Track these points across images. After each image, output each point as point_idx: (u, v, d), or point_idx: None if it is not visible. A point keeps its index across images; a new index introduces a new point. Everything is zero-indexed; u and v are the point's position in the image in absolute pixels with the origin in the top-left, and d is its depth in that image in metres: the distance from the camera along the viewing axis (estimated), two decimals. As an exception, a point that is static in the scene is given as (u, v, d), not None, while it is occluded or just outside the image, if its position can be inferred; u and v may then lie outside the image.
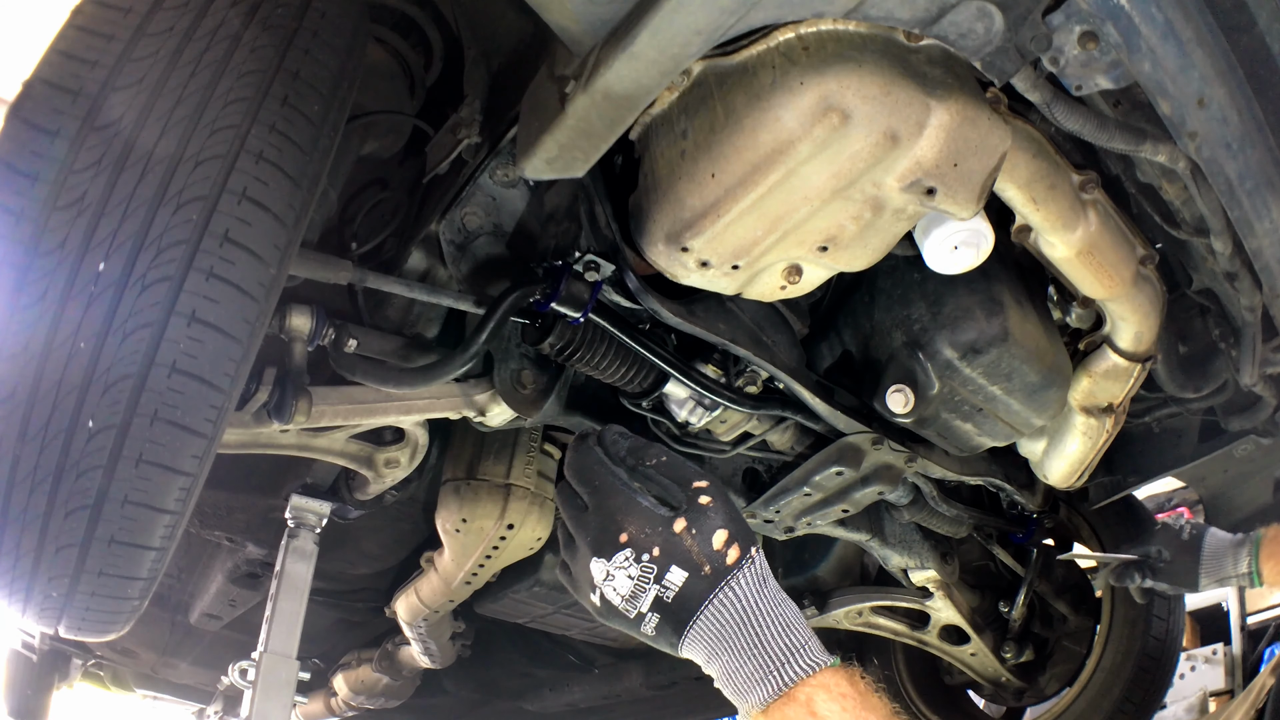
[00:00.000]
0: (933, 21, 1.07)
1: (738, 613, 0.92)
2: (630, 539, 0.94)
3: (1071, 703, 2.54)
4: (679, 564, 0.92)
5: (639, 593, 0.93)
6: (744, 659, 0.91)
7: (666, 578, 0.92)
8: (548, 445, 2.12)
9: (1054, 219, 1.40)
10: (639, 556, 0.93)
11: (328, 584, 2.59)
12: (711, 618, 0.92)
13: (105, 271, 1.03)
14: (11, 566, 1.13)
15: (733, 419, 1.72)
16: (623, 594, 0.94)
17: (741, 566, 0.93)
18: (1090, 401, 1.76)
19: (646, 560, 0.93)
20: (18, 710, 3.07)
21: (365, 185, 1.76)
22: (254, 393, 1.47)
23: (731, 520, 0.96)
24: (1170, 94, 1.14)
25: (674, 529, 0.94)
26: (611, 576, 0.94)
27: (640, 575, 0.93)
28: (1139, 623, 2.49)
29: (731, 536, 0.94)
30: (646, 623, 0.94)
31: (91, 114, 1.06)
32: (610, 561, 0.94)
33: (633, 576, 0.93)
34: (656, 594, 0.92)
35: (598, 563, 0.95)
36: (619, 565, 0.94)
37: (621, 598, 0.94)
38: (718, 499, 0.97)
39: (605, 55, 1.06)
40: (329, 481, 2.08)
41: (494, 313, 1.45)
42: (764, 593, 0.94)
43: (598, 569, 0.95)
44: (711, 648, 0.92)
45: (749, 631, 0.91)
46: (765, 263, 1.25)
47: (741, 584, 0.93)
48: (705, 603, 0.92)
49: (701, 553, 0.93)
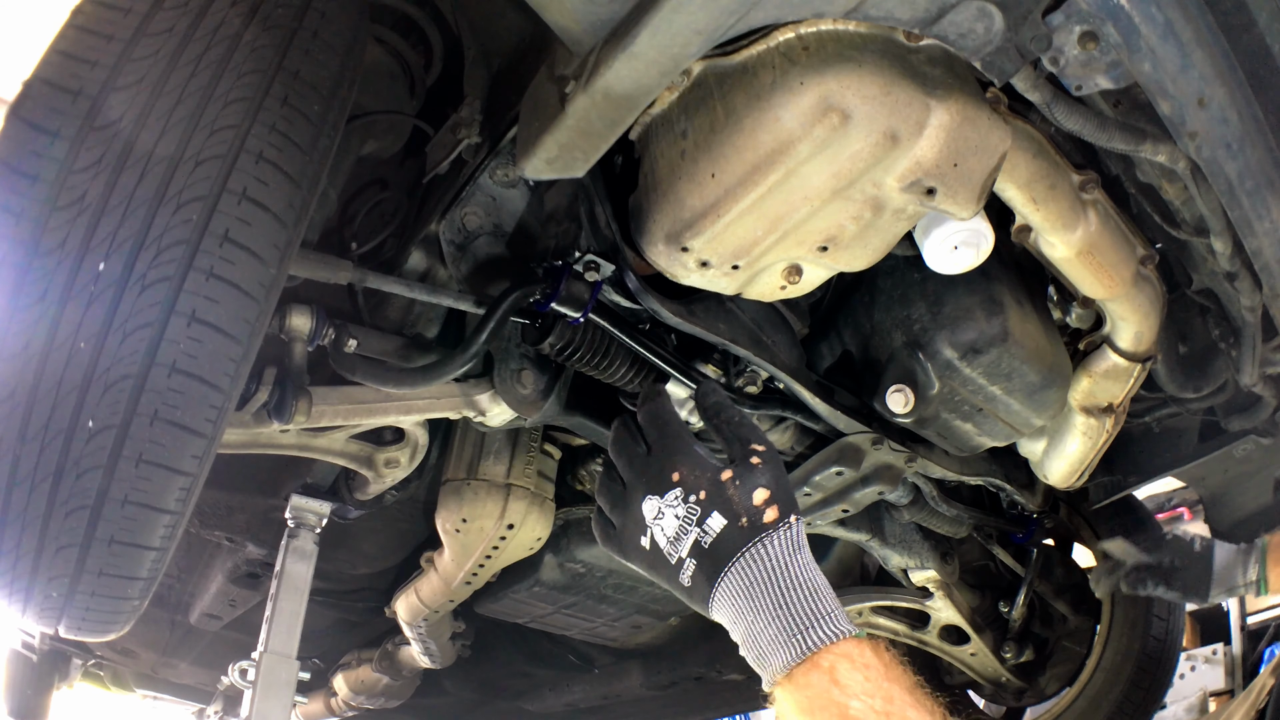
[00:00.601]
0: (933, 21, 1.07)
1: (767, 570, 0.93)
2: (681, 479, 0.98)
3: (1071, 703, 2.54)
4: (720, 510, 0.96)
5: (682, 534, 0.96)
6: (769, 619, 0.92)
7: (707, 522, 0.95)
8: (548, 445, 2.12)
9: (1054, 219, 1.40)
10: (687, 496, 0.97)
11: (328, 584, 2.58)
12: (742, 571, 0.94)
13: (105, 271, 1.03)
14: (11, 566, 1.13)
15: (733, 419, 1.72)
16: (669, 535, 0.97)
17: (778, 528, 0.96)
18: (1090, 401, 1.76)
19: (693, 501, 0.97)
20: (18, 710, 3.07)
21: (365, 185, 1.76)
22: (254, 393, 1.47)
23: (776, 483, 0.98)
24: (1170, 94, 1.14)
25: (721, 477, 0.98)
26: (661, 514, 0.98)
27: (685, 515, 0.96)
28: (1139, 623, 2.50)
29: (772, 498, 0.97)
30: (685, 570, 0.97)
31: (91, 114, 1.06)
32: (663, 499, 0.98)
33: (679, 516, 0.97)
34: (696, 538, 0.95)
35: (651, 500, 0.99)
36: (669, 503, 0.97)
37: (667, 539, 0.97)
38: (768, 463, 1.00)
39: (605, 55, 1.06)
40: (329, 481, 2.08)
41: (494, 313, 1.45)
42: (796, 558, 0.95)
43: (650, 506, 0.99)
44: (738, 605, 0.94)
45: (776, 592, 0.92)
46: (765, 263, 1.26)
47: (775, 544, 0.95)
48: (738, 554, 0.94)
49: (741, 505, 0.96)
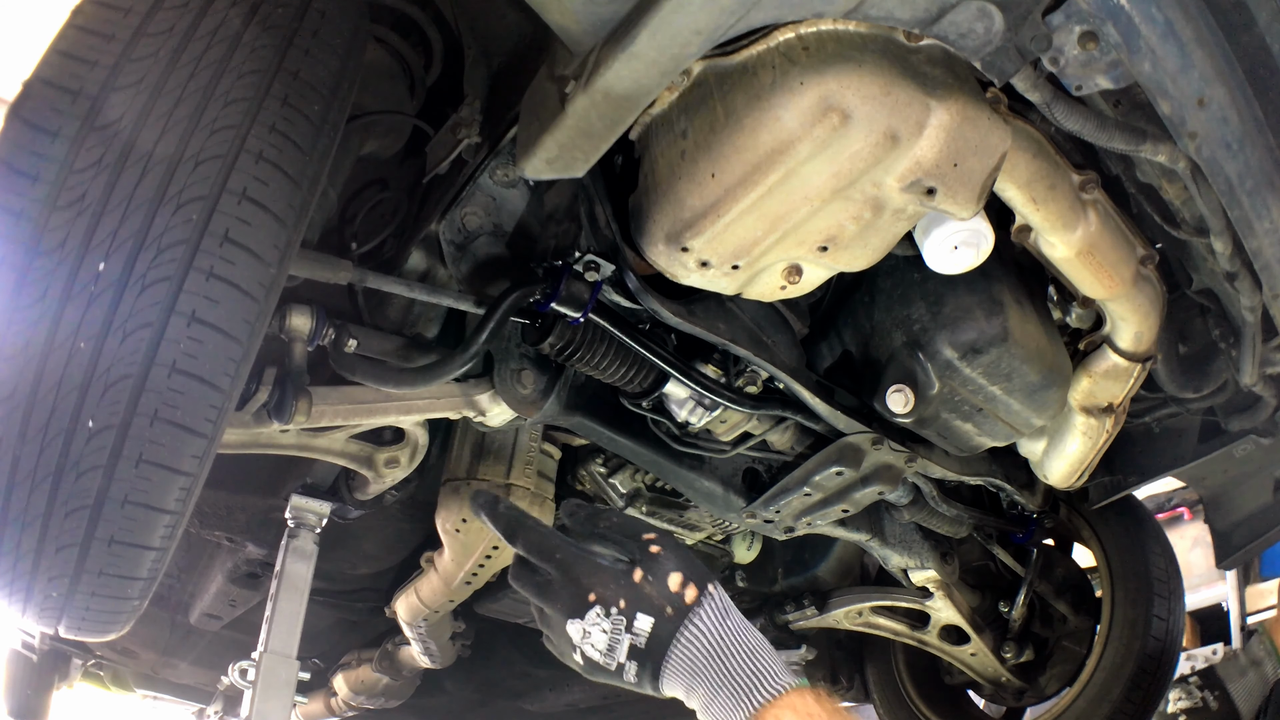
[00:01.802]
0: (933, 21, 1.07)
1: (705, 646, 0.97)
2: (598, 597, 1.00)
3: (1071, 703, 2.54)
4: (644, 611, 0.99)
5: (615, 644, 0.99)
6: (716, 689, 0.96)
7: (635, 625, 0.99)
8: (548, 445, 2.12)
9: (1054, 219, 1.40)
10: (608, 611, 1.00)
11: (328, 584, 2.58)
12: (681, 654, 0.98)
13: (105, 271, 1.03)
14: (11, 566, 1.13)
15: (733, 419, 1.72)
16: (600, 649, 1.00)
17: (701, 603, 0.99)
18: (1090, 401, 1.76)
19: (615, 613, 0.99)
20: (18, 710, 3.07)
21: (365, 185, 1.76)
22: (254, 393, 1.46)
23: (684, 563, 1.02)
24: (1170, 94, 1.14)
25: (633, 579, 1.01)
26: (588, 634, 1.00)
27: (613, 628, 0.99)
28: (1139, 623, 2.49)
29: (686, 578, 1.00)
30: (627, 671, 1.00)
31: (91, 114, 1.06)
32: (584, 620, 1.00)
33: (606, 630, 1.00)
34: (630, 642, 0.99)
35: (574, 624, 1.01)
36: (592, 623, 1.00)
37: (600, 653, 1.00)
38: (668, 547, 1.03)
39: (605, 55, 1.06)
40: (329, 481, 2.07)
41: (494, 313, 1.45)
42: (726, 625, 0.99)
43: (574, 630, 1.01)
44: (687, 683, 0.98)
45: (717, 663, 0.97)
46: (765, 263, 1.26)
47: (704, 619, 0.98)
48: (673, 641, 0.98)
49: (661, 596, 0.99)
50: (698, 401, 1.66)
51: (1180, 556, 2.68)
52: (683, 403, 1.67)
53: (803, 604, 2.56)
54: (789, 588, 2.61)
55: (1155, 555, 2.56)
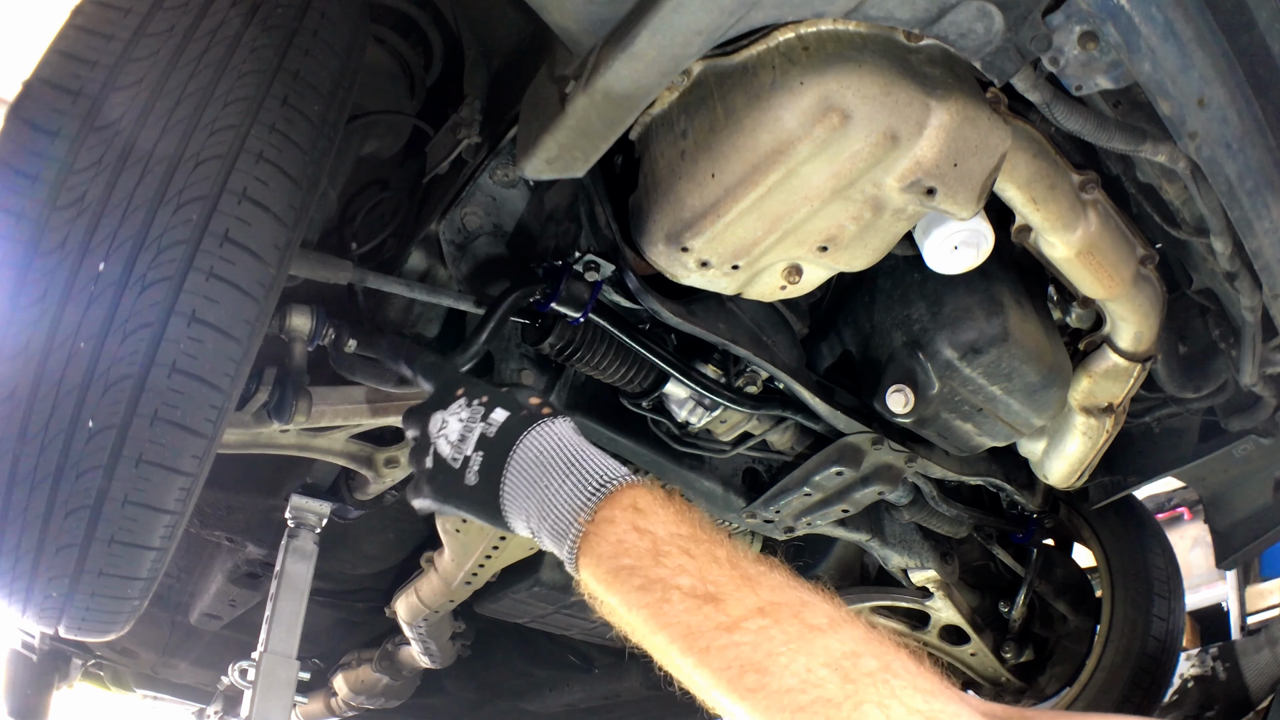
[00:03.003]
0: (933, 21, 1.07)
1: (553, 443, 0.98)
2: (465, 392, 1.07)
3: (1071, 703, 2.54)
4: (502, 406, 1.03)
5: (467, 433, 1.03)
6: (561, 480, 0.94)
7: (490, 416, 1.02)
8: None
9: (1054, 219, 1.40)
10: (470, 402, 1.05)
11: (328, 584, 2.59)
12: (530, 446, 0.98)
13: (105, 271, 1.03)
14: (11, 566, 1.13)
15: (733, 419, 1.72)
16: (452, 440, 1.03)
17: (556, 417, 1.02)
18: (1090, 401, 1.76)
19: (476, 404, 1.04)
20: (18, 710, 3.07)
21: (365, 185, 1.76)
22: (254, 393, 1.47)
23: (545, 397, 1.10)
24: (1170, 94, 1.14)
25: (499, 390, 1.07)
26: (445, 424, 1.05)
27: (469, 416, 1.03)
28: (1139, 623, 2.50)
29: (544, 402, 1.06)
30: (471, 467, 1.01)
31: (91, 114, 1.06)
32: (446, 410, 1.06)
33: (463, 419, 1.04)
34: (481, 430, 1.02)
35: (436, 415, 1.07)
36: (452, 411, 1.05)
37: (450, 444, 1.03)
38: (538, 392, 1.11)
39: (605, 55, 1.06)
40: (329, 481, 2.08)
41: (494, 313, 1.45)
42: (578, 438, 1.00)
43: (435, 420, 1.06)
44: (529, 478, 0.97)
45: (564, 457, 0.96)
46: (765, 263, 1.25)
47: (556, 424, 1.01)
48: (524, 433, 0.99)
49: (520, 403, 1.04)
50: (698, 401, 1.66)
51: (1180, 556, 2.68)
52: (683, 403, 1.67)
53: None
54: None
55: (1155, 555, 2.56)
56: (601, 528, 0.90)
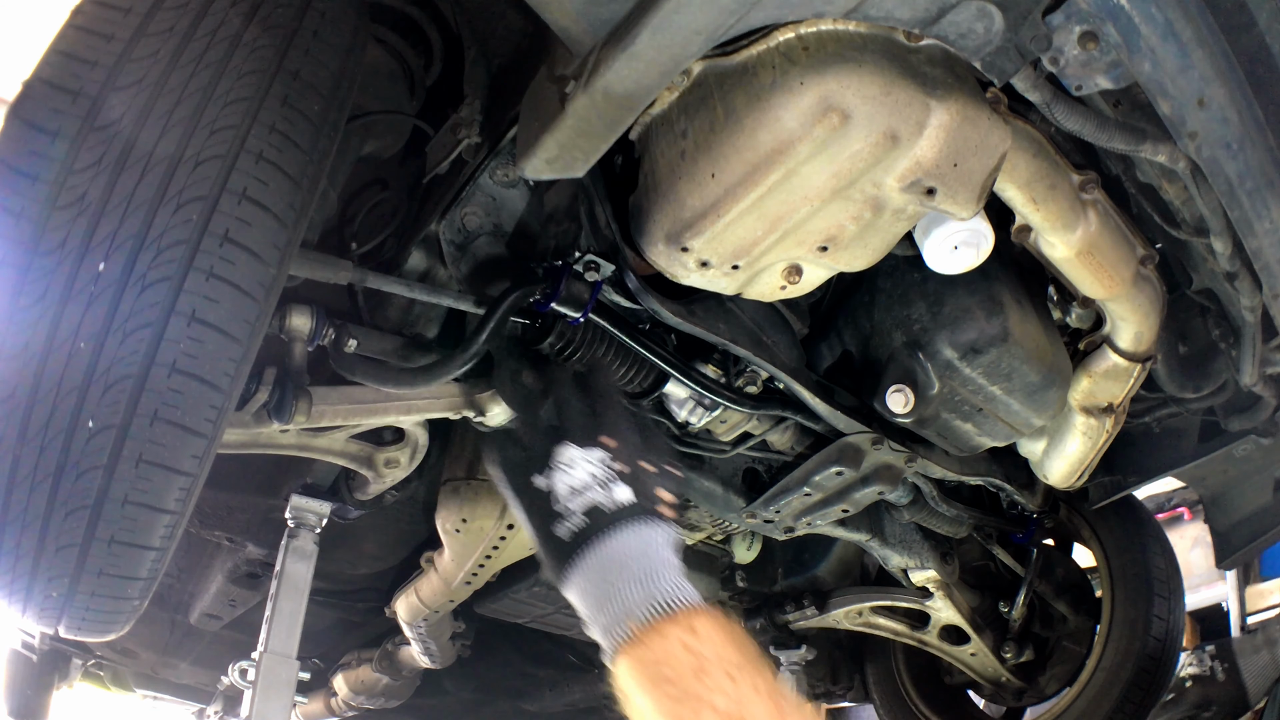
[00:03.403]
0: (933, 21, 1.07)
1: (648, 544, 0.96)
2: (614, 448, 1.03)
3: (1071, 703, 2.54)
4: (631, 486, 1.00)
5: (584, 491, 1.00)
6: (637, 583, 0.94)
7: (614, 489, 0.99)
8: (548, 445, 2.12)
9: (1054, 219, 1.40)
10: (607, 462, 1.01)
11: (328, 584, 2.58)
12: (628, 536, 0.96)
13: (105, 271, 1.03)
14: (11, 566, 1.13)
15: (733, 419, 1.72)
16: (570, 484, 1.00)
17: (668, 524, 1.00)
18: (1090, 401, 1.76)
19: (611, 470, 1.01)
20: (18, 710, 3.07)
21: (365, 185, 1.76)
22: (254, 393, 1.46)
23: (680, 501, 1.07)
24: (1170, 94, 1.14)
25: (642, 464, 1.03)
26: (573, 464, 1.01)
27: (598, 474, 1.00)
28: (1139, 623, 2.50)
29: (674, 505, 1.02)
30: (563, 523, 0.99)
31: (91, 114, 1.06)
32: (584, 452, 1.02)
33: (592, 474, 1.00)
34: (594, 500, 0.99)
35: (571, 449, 1.03)
36: (588, 459, 1.01)
37: (565, 489, 1.00)
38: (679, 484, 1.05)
39: (605, 55, 1.06)
40: (329, 481, 2.07)
41: (494, 313, 1.45)
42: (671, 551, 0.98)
43: (568, 453, 1.02)
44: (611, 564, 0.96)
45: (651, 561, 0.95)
46: (765, 263, 1.25)
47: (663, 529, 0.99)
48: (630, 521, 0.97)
49: (649, 492, 1.01)
50: (698, 401, 1.66)
51: (1180, 556, 2.68)
52: (683, 403, 1.67)
53: (803, 604, 2.55)
54: (789, 588, 2.61)
55: (1155, 555, 2.56)
56: (652, 637, 0.90)
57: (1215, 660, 2.04)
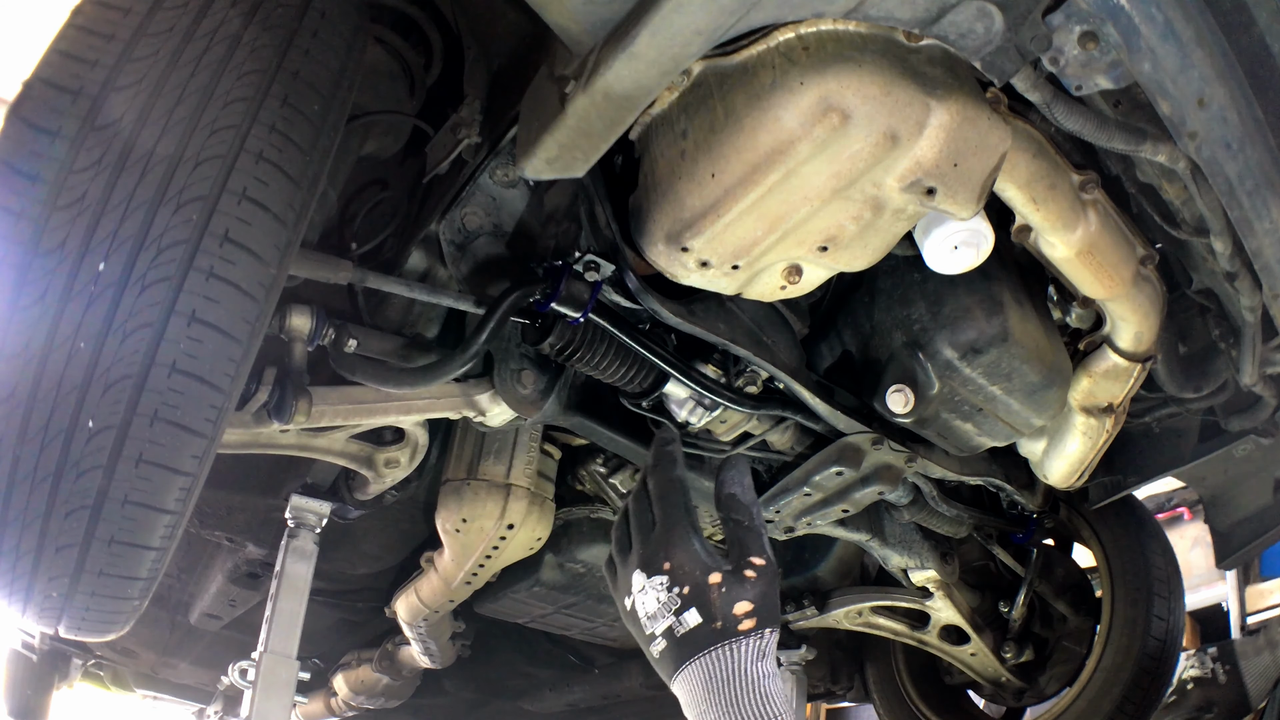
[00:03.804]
0: (933, 21, 1.07)
1: (728, 670, 0.99)
2: (672, 569, 1.04)
3: (1071, 703, 2.54)
4: (699, 609, 1.01)
5: (659, 616, 1.03)
6: (720, 712, 0.98)
7: (684, 615, 1.01)
8: (548, 445, 2.12)
9: (1054, 219, 1.40)
10: (671, 586, 1.03)
11: (328, 584, 2.59)
12: (703, 666, 0.99)
13: (105, 271, 1.03)
14: (11, 566, 1.13)
15: (733, 419, 1.72)
16: (647, 611, 1.04)
17: (749, 636, 1.01)
18: (1090, 401, 1.76)
19: (676, 593, 1.02)
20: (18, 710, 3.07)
21: (365, 185, 1.76)
22: (254, 393, 1.46)
23: (762, 600, 1.03)
24: (1170, 94, 1.14)
25: (709, 580, 1.03)
26: (645, 591, 1.04)
27: (666, 602, 1.03)
28: (1139, 623, 2.50)
29: (753, 612, 1.02)
30: (655, 644, 1.04)
31: (91, 114, 1.06)
32: (649, 579, 1.04)
33: (660, 601, 1.03)
34: (670, 625, 1.02)
35: (639, 575, 1.05)
36: (654, 585, 1.04)
37: (645, 614, 1.04)
38: (761, 577, 1.05)
39: (605, 55, 1.06)
40: (329, 481, 2.07)
41: (494, 313, 1.45)
42: (759, 665, 1.00)
43: (638, 580, 1.05)
44: (695, 694, 1.00)
45: (732, 690, 0.98)
46: (765, 263, 1.26)
47: (742, 650, 1.00)
48: (704, 651, 1.00)
49: (720, 611, 1.01)
50: (698, 401, 1.66)
51: (1180, 556, 2.68)
52: (683, 403, 1.67)
53: (803, 604, 2.56)
54: (789, 588, 2.61)
55: (1155, 555, 2.56)
56: None
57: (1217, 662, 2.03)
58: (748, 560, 1.05)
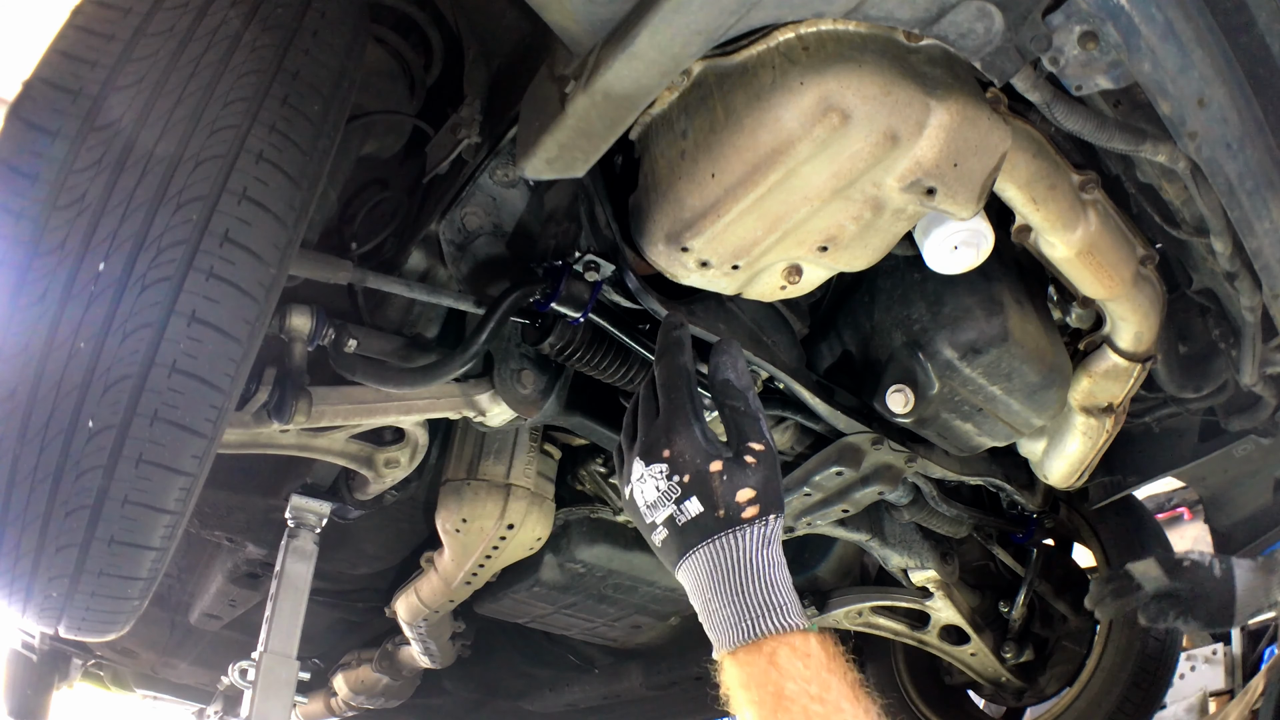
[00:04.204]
0: (933, 21, 1.07)
1: (732, 559, 0.98)
2: (671, 456, 1.03)
3: (1071, 703, 2.54)
4: (699, 496, 1.00)
5: (659, 505, 1.02)
6: (724, 601, 0.97)
7: (685, 504, 1.00)
8: (548, 445, 2.12)
9: (1054, 219, 1.40)
10: (671, 474, 1.02)
11: (328, 584, 2.58)
12: (708, 555, 0.99)
13: (105, 271, 1.03)
14: (11, 566, 1.13)
15: (733, 419, 1.72)
16: (647, 500, 1.03)
17: (754, 524, 0.99)
18: (1090, 401, 1.76)
19: (676, 481, 1.01)
20: (18, 710, 3.07)
21: (365, 185, 1.76)
22: (254, 393, 1.47)
23: (764, 484, 1.02)
24: (1170, 94, 1.14)
25: (710, 468, 1.01)
26: (644, 479, 1.03)
27: (666, 490, 1.01)
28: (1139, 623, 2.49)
29: (756, 498, 1.01)
30: (656, 533, 1.03)
31: (91, 114, 1.06)
32: (648, 467, 1.03)
33: (660, 489, 1.02)
34: (671, 514, 1.01)
35: (639, 464, 1.04)
36: (653, 474, 1.03)
37: (645, 502, 1.03)
38: (762, 463, 1.03)
39: (605, 55, 1.06)
40: (329, 481, 2.07)
41: (494, 313, 1.45)
42: (763, 552, 0.99)
43: (637, 468, 1.05)
44: (700, 582, 0.99)
45: (736, 579, 0.97)
46: (765, 263, 1.26)
47: (746, 537, 0.99)
48: (708, 539, 0.99)
49: (722, 498, 1.00)
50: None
51: (1180, 556, 2.68)
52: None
53: (803, 604, 2.55)
54: (788, 588, 2.61)
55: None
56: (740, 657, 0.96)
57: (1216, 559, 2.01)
58: (747, 446, 1.04)
